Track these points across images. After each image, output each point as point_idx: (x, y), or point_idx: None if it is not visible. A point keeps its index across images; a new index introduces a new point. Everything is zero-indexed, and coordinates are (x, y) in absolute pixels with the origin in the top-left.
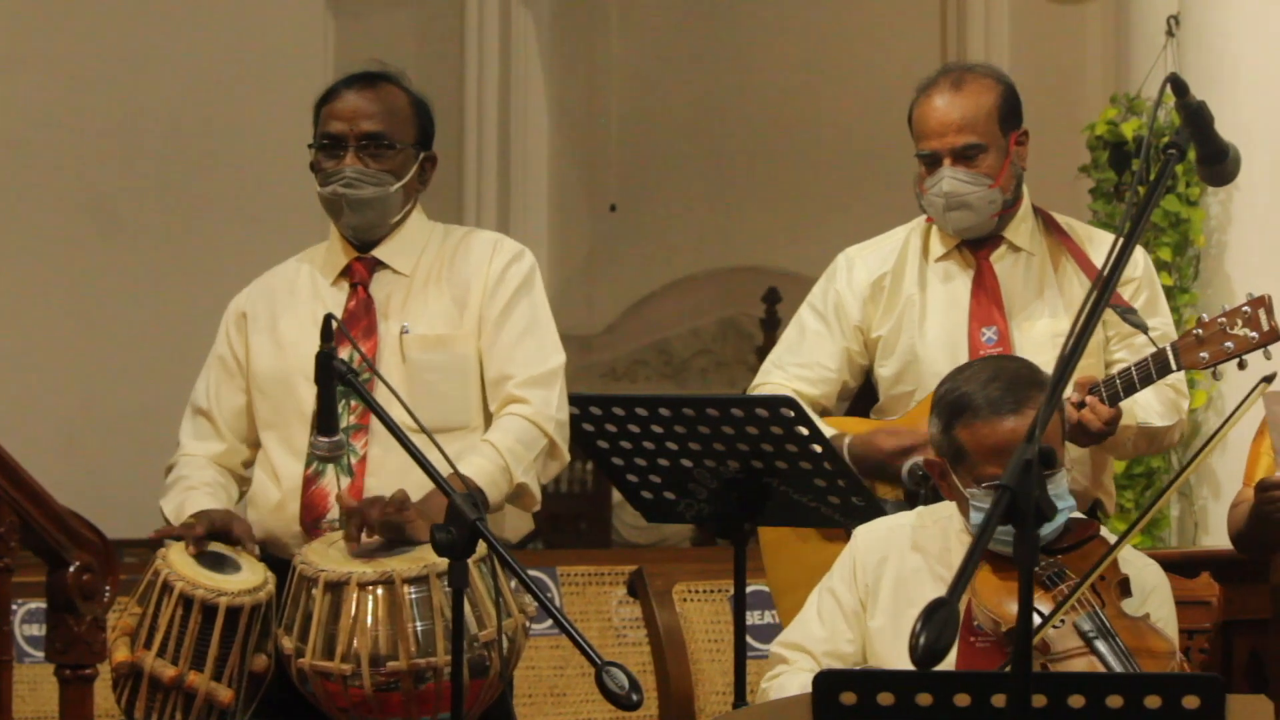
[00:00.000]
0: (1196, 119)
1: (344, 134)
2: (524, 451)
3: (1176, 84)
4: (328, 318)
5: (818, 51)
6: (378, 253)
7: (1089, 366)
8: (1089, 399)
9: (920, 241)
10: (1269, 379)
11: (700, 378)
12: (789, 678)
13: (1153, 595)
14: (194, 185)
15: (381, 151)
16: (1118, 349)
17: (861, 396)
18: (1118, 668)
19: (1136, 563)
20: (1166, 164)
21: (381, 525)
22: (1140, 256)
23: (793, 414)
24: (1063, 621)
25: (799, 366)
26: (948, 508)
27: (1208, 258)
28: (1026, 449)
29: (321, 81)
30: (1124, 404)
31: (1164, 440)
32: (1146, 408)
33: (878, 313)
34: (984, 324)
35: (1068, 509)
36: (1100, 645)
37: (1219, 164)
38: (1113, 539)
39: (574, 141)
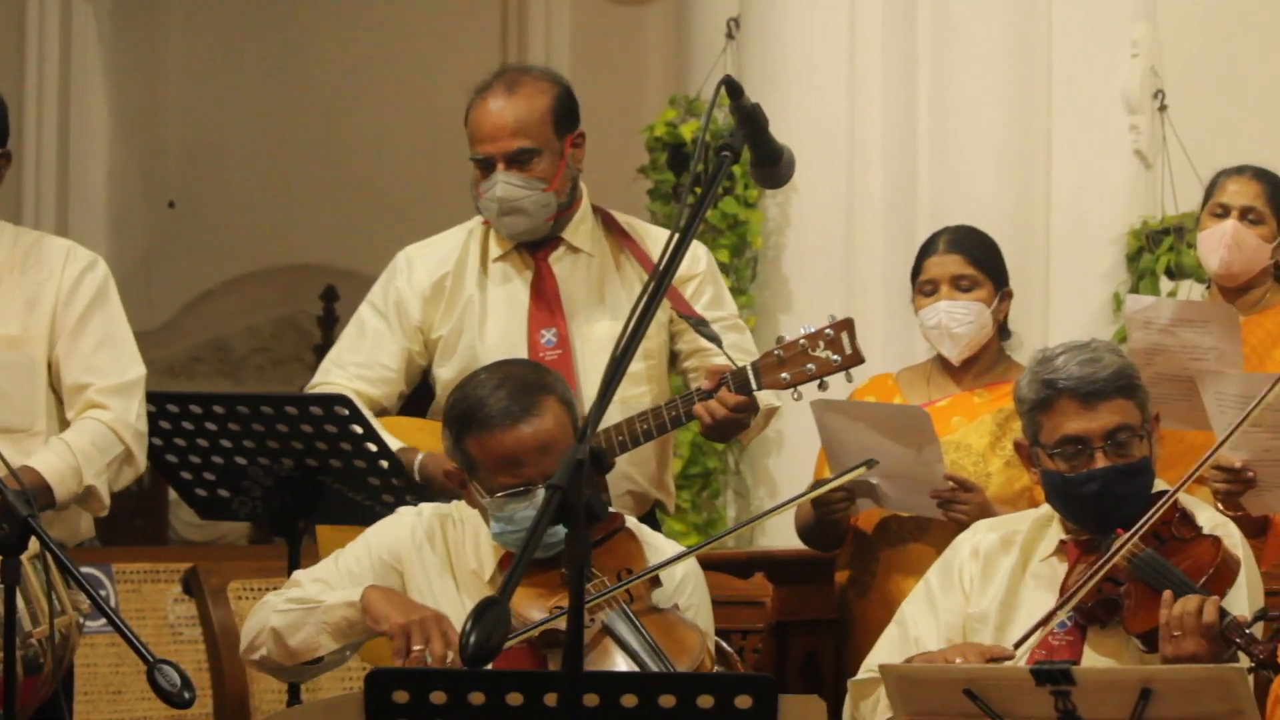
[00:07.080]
0: (751, 121)
1: None
2: (98, 455)
3: (731, 86)
4: None
5: (379, 50)
6: None
7: (658, 383)
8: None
9: (479, 242)
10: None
11: (257, 375)
12: (290, 592)
13: (683, 584)
14: None
15: None
16: (692, 363)
17: (415, 398)
18: (651, 664)
19: (666, 551)
20: (720, 166)
21: None
22: (702, 253)
23: (347, 413)
24: (592, 620)
25: (359, 366)
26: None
27: (765, 260)
28: (578, 449)
29: None
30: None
31: (770, 418)
32: (763, 393)
33: (438, 313)
34: (543, 326)
35: None
36: (631, 642)
37: (773, 166)
38: (638, 530)
39: (133, 136)
